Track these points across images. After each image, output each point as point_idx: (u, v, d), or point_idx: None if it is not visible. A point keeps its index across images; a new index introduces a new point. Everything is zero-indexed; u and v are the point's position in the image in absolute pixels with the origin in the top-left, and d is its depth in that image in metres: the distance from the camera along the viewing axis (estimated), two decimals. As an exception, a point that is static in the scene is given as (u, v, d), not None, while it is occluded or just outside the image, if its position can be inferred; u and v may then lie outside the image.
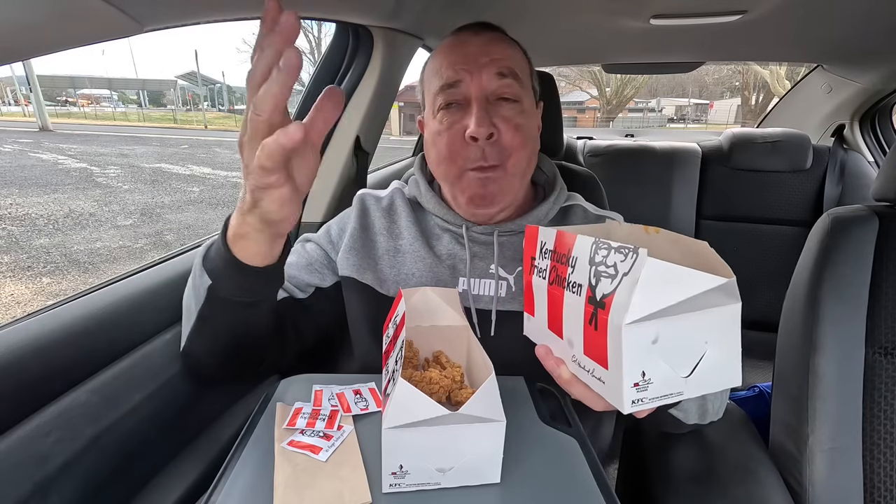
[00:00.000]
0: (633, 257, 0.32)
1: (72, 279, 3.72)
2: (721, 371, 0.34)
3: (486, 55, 0.59)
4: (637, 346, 0.32)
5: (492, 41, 0.61)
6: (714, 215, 1.55)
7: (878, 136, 1.70)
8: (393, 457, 0.36)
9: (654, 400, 0.33)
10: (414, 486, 0.38)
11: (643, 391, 0.33)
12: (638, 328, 0.32)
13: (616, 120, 22.64)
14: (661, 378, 0.33)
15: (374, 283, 0.63)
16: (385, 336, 0.52)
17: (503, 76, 0.58)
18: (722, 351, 0.34)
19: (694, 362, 0.34)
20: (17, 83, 23.35)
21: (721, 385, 0.35)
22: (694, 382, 0.34)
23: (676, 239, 0.40)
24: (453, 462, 0.37)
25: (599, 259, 0.35)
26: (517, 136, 0.59)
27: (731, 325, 0.34)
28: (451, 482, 0.38)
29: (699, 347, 0.34)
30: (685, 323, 0.33)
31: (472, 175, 0.59)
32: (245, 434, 0.45)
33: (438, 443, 0.36)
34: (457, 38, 0.62)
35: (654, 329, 0.32)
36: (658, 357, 0.33)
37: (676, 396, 0.34)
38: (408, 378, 0.41)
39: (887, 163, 0.67)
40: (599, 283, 0.35)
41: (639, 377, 0.33)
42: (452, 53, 0.60)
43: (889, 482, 0.61)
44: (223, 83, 31.24)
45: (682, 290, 0.31)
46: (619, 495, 0.40)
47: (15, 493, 0.44)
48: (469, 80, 0.58)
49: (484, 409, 0.36)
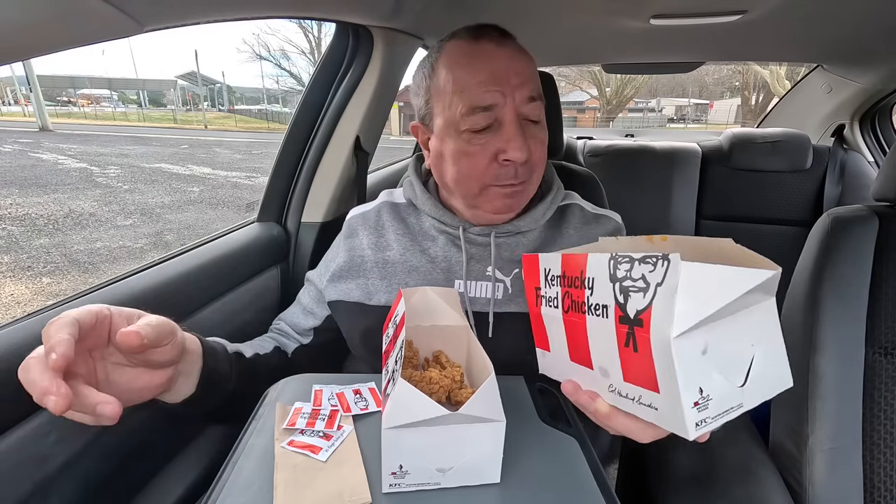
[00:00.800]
0: (665, 265, 0.29)
1: (72, 279, 3.72)
2: (772, 373, 0.32)
3: (516, 75, 0.56)
4: (689, 360, 0.29)
5: (516, 56, 0.57)
6: (714, 215, 1.55)
7: (878, 136, 1.70)
8: (393, 457, 0.36)
9: (718, 418, 0.31)
10: (414, 486, 0.38)
11: (704, 410, 0.30)
12: (687, 340, 0.29)
13: (616, 120, 22.64)
14: (719, 392, 0.30)
15: (363, 298, 0.64)
16: (385, 336, 0.52)
17: (533, 100, 0.57)
18: (769, 351, 0.32)
19: (745, 369, 0.31)
20: (17, 83, 23.35)
21: (776, 389, 0.32)
22: (750, 391, 0.31)
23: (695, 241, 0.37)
24: (453, 462, 0.37)
25: (622, 274, 0.32)
26: (542, 153, 0.60)
27: (772, 321, 0.32)
28: (451, 482, 0.38)
29: (747, 351, 0.32)
30: (731, 327, 0.30)
31: (497, 190, 0.59)
32: (245, 434, 0.45)
33: (438, 443, 0.36)
34: (476, 48, 0.57)
35: (703, 338, 0.30)
36: (712, 369, 0.30)
37: (737, 410, 0.31)
38: (408, 378, 0.41)
39: (887, 163, 0.67)
40: (630, 300, 0.32)
41: (697, 395, 0.30)
42: (478, 70, 0.55)
43: (889, 482, 0.61)
44: (223, 83, 31.24)
45: (727, 291, 0.29)
46: (619, 495, 0.40)
47: (15, 493, 0.44)
48: (503, 103, 0.55)
49: (484, 409, 0.36)
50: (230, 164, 9.71)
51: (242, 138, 16.74)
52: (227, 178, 8.12)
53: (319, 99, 1.00)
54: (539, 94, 0.58)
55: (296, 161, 1.01)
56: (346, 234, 0.71)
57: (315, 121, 1.00)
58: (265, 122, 24.46)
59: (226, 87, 31.20)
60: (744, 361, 0.31)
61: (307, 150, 1.01)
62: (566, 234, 0.65)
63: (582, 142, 1.82)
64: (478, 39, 0.57)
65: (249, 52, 26.32)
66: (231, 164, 9.74)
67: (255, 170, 9.17)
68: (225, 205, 6.24)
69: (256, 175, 8.55)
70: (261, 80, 31.06)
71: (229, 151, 12.01)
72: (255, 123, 24.38)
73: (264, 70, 36.50)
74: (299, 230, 1.02)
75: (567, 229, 0.66)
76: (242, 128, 22.31)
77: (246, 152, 12.09)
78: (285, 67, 26.41)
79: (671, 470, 0.66)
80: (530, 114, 0.57)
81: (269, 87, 30.54)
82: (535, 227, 0.64)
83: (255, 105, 31.02)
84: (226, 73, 58.83)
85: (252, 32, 32.81)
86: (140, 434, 0.57)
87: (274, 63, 26.68)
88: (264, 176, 4.01)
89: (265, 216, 1.01)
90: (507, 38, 0.59)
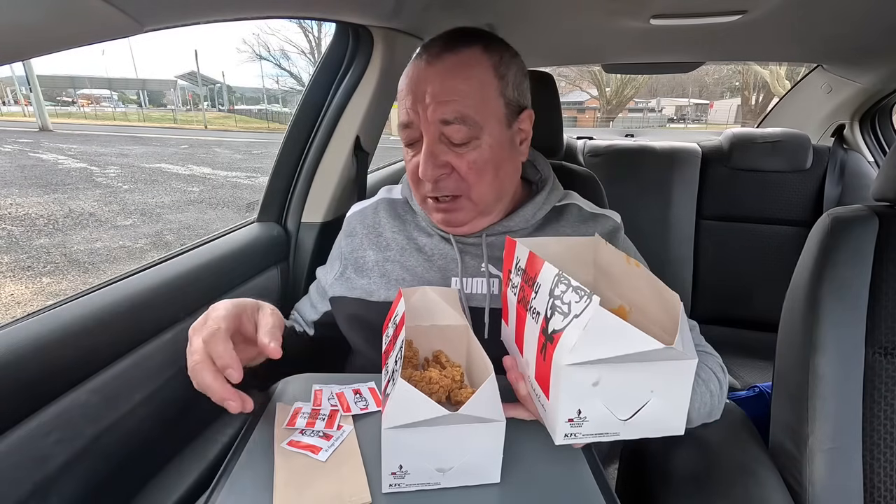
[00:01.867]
0: (587, 302, 0.32)
1: (72, 279, 3.72)
2: (664, 419, 0.35)
3: (433, 96, 0.55)
4: (576, 386, 0.33)
5: (445, 75, 0.56)
6: (714, 215, 1.55)
7: (878, 136, 1.70)
8: (392, 457, 0.36)
9: (588, 436, 0.35)
10: (414, 486, 0.38)
11: (577, 427, 0.34)
12: (578, 370, 0.32)
13: (616, 120, 22.62)
14: (597, 418, 0.34)
15: (364, 295, 0.65)
16: (385, 336, 0.52)
17: (447, 123, 0.56)
18: (668, 401, 0.35)
19: (636, 408, 0.34)
20: (17, 83, 23.35)
21: (662, 431, 0.36)
22: (634, 425, 0.35)
23: (653, 282, 0.40)
24: (453, 462, 0.37)
25: (559, 293, 0.36)
26: (471, 171, 0.58)
27: (683, 379, 0.34)
28: (450, 482, 0.38)
29: (643, 395, 0.34)
30: (630, 373, 0.33)
31: (432, 203, 0.61)
32: (245, 434, 0.45)
33: (438, 443, 0.36)
34: (415, 62, 0.59)
35: (596, 373, 0.33)
36: (597, 398, 0.33)
37: (612, 436, 0.35)
38: (407, 378, 0.41)
39: (887, 163, 0.67)
40: (553, 317, 0.36)
41: (574, 414, 0.34)
42: (405, 87, 0.59)
43: (889, 482, 0.61)
44: (223, 83, 31.23)
45: (625, 345, 0.32)
46: (619, 495, 0.40)
47: (15, 493, 0.44)
48: (418, 122, 0.58)
49: (484, 409, 0.36)
50: (230, 164, 9.71)
51: (242, 138, 16.74)
52: (227, 178, 8.12)
53: (319, 99, 1.00)
54: (459, 115, 0.56)
55: (296, 161, 1.01)
56: (346, 232, 0.72)
57: (315, 121, 1.00)
58: (265, 122, 24.45)
59: (226, 87, 31.20)
60: (637, 401, 0.34)
61: (307, 150, 1.01)
62: (562, 233, 0.66)
63: (582, 142, 1.82)
64: (422, 55, 0.59)
65: (249, 52, 26.29)
66: (231, 164, 9.74)
67: (255, 170, 9.18)
68: (225, 205, 6.24)
69: (256, 175, 8.55)
70: (261, 80, 31.09)
71: (229, 151, 12.01)
72: (255, 123, 24.38)
73: (264, 70, 36.58)
74: (299, 230, 1.02)
75: (563, 228, 0.66)
76: (242, 128, 22.31)
77: (246, 152, 12.09)
78: (285, 67, 26.41)
79: (671, 470, 0.66)
80: (449, 134, 0.57)
81: (269, 87, 30.57)
82: (527, 227, 0.65)
83: (255, 105, 31.01)
84: (226, 73, 58.81)
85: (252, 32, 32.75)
86: (140, 434, 0.57)
87: (274, 63, 26.70)
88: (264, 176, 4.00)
89: (265, 216, 1.01)
90: (449, 53, 0.57)
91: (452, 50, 0.57)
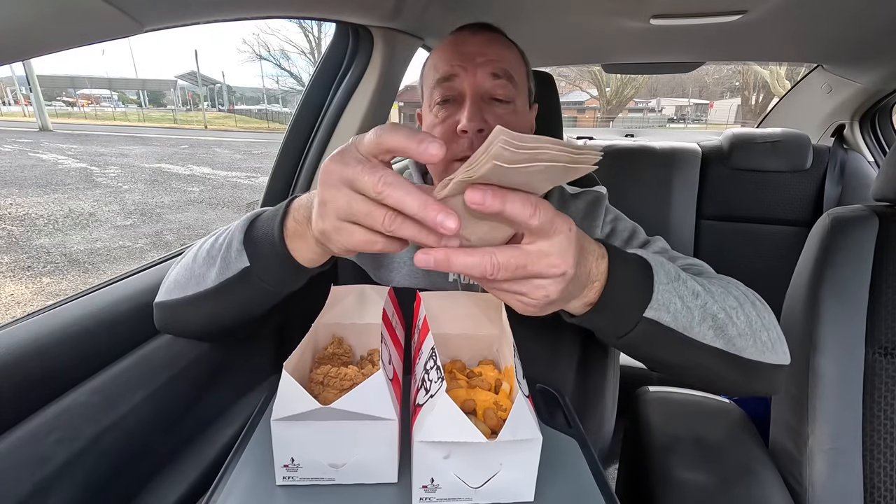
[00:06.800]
0: (440, 385, 0.34)
1: (72, 279, 3.72)
2: (515, 488, 0.37)
3: (482, 54, 0.59)
4: (427, 458, 0.35)
5: (489, 41, 0.62)
6: (714, 215, 1.55)
7: (878, 136, 1.70)
8: (282, 449, 0.37)
9: (442, 501, 0.37)
10: (307, 481, 0.38)
11: (431, 492, 0.36)
12: (429, 447, 0.35)
13: (616, 120, 22.62)
14: (449, 486, 0.36)
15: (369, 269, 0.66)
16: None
17: (497, 77, 0.59)
18: (517, 473, 0.37)
19: (487, 478, 0.36)
20: (17, 83, 23.36)
21: (513, 498, 0.37)
22: (486, 491, 0.37)
23: (506, 344, 0.43)
24: (346, 458, 0.38)
25: (429, 367, 0.38)
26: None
27: (531, 455, 0.36)
28: (345, 479, 0.39)
29: (493, 467, 0.36)
30: (480, 450, 0.35)
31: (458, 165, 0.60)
32: (246, 434, 0.45)
33: (328, 437, 0.37)
34: (456, 37, 0.63)
35: (447, 449, 0.35)
36: (449, 470, 0.36)
37: (466, 501, 0.37)
38: (325, 373, 0.43)
39: (887, 163, 0.67)
40: (420, 391, 0.38)
41: (428, 481, 0.36)
42: (450, 50, 0.62)
43: (889, 482, 0.61)
44: (223, 83, 31.24)
45: (463, 434, 0.33)
46: (619, 496, 0.40)
47: (15, 493, 0.44)
48: (464, 76, 0.59)
49: (373, 406, 0.36)
50: (230, 164, 9.72)
51: (242, 138, 16.75)
52: (227, 178, 8.12)
53: (319, 99, 1.00)
54: (506, 72, 0.60)
55: (296, 161, 1.01)
56: None
57: (315, 121, 1.00)
58: (265, 122, 24.47)
59: (226, 87, 31.22)
60: (488, 472, 0.36)
61: (307, 149, 1.01)
62: None
63: (582, 142, 1.82)
64: (462, 30, 0.64)
65: (249, 52, 26.27)
66: (231, 164, 9.74)
67: (255, 170, 9.18)
68: (225, 205, 6.25)
69: (256, 175, 8.55)
70: (261, 80, 31.08)
71: (229, 151, 12.02)
72: (255, 123, 24.39)
73: (264, 70, 36.48)
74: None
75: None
76: (242, 128, 22.32)
77: (246, 152, 12.10)
78: (285, 67, 26.41)
79: (671, 470, 0.66)
80: (494, 90, 0.59)
81: (269, 87, 30.58)
82: None
83: (255, 105, 31.02)
84: (226, 73, 58.85)
85: (252, 32, 32.78)
86: (140, 434, 0.57)
87: (274, 63, 26.68)
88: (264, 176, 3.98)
89: (265, 216, 1.01)
90: (489, 30, 0.64)
91: (490, 29, 0.64)
